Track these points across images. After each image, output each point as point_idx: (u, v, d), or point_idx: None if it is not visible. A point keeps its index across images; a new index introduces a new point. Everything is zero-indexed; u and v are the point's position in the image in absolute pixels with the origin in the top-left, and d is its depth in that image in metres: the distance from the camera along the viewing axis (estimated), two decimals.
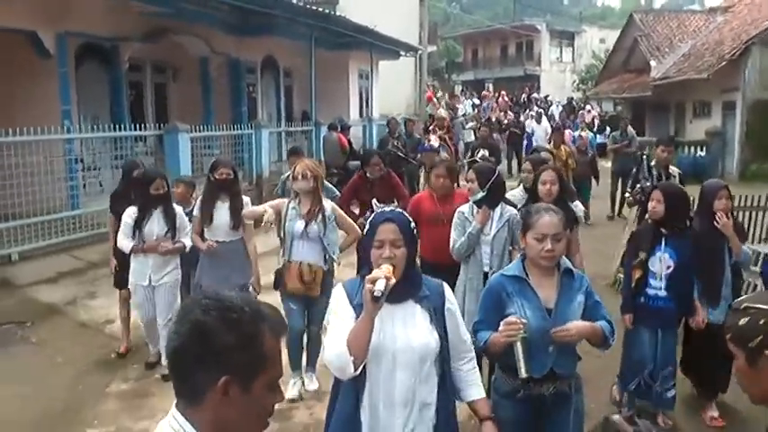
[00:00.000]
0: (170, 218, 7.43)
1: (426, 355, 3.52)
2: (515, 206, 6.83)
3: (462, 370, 3.76)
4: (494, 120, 26.17)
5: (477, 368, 3.88)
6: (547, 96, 41.20)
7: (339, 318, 3.53)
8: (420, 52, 34.37)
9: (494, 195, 6.62)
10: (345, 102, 26.58)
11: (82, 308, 9.28)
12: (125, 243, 7.38)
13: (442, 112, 21.65)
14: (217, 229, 7.53)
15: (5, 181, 10.83)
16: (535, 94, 43.45)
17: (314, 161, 7.64)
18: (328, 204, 7.19)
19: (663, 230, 6.19)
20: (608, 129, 25.04)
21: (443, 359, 3.62)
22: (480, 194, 6.58)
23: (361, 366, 3.40)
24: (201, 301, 1.90)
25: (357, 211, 8.98)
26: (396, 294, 3.40)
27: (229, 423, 1.90)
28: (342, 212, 7.42)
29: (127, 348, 8.18)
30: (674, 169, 9.28)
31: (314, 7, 19.53)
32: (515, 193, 7.65)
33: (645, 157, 9.66)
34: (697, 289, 6.33)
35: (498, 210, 6.67)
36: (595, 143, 19.58)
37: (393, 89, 32.72)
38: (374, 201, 8.89)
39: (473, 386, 3.79)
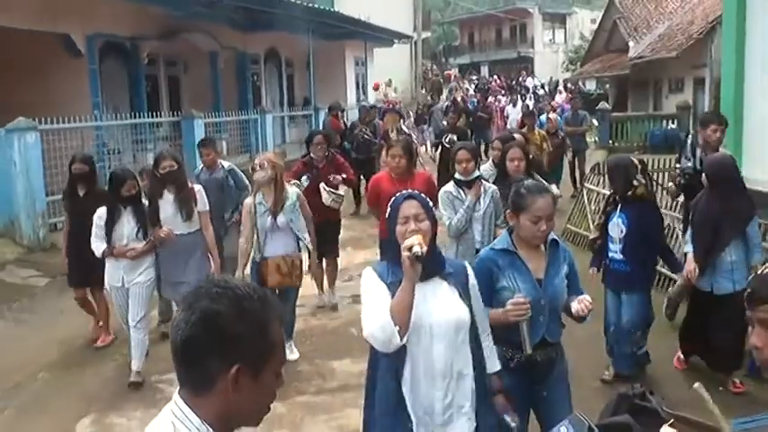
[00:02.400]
0: (140, 217, 7.09)
1: (460, 326, 3.63)
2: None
3: (482, 344, 3.86)
4: (459, 100, 26.23)
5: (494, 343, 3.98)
6: (524, 82, 42.29)
7: (373, 296, 3.60)
8: (414, 39, 36.05)
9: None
10: (343, 87, 28.62)
11: None
12: (97, 245, 7.03)
13: (392, 94, 21.87)
14: (169, 222, 7.22)
15: (51, 161, 12.67)
16: (521, 78, 44.55)
17: (274, 152, 7.83)
18: (293, 191, 7.18)
19: (617, 198, 6.47)
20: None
21: (474, 332, 3.74)
22: (477, 173, 6.67)
23: (406, 337, 3.48)
24: (210, 290, 1.86)
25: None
26: (423, 271, 3.49)
27: (237, 410, 1.89)
28: (305, 201, 7.38)
29: (111, 339, 8.11)
30: (724, 152, 7.72)
31: (311, 4, 21.25)
32: (485, 167, 7.62)
33: (688, 136, 8.37)
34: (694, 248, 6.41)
35: (484, 185, 6.72)
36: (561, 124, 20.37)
37: (391, 74, 34.51)
38: (321, 185, 8.67)
39: (491, 359, 3.89)
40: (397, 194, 3.77)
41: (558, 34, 58.64)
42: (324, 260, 8.98)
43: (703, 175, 6.57)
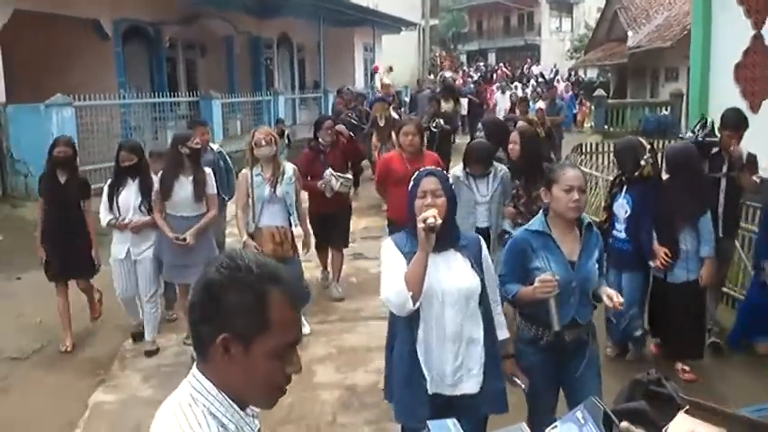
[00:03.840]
0: (146, 189, 7.05)
1: (470, 295, 3.84)
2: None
3: (493, 313, 4.05)
4: (450, 83, 25.40)
5: (503, 313, 4.22)
6: (529, 70, 43.14)
7: (391, 264, 3.82)
8: (422, 26, 37.09)
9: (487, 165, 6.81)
10: (351, 72, 29.98)
11: None
12: (104, 215, 7.09)
13: (386, 80, 21.28)
14: (180, 203, 7.01)
15: (83, 135, 13.90)
16: (526, 67, 45.43)
17: (270, 128, 8.01)
18: (290, 166, 7.35)
19: (623, 179, 6.51)
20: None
21: (486, 301, 3.93)
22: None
23: (419, 302, 3.71)
24: (220, 261, 1.88)
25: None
26: (438, 243, 3.69)
27: (235, 383, 1.88)
28: (299, 177, 7.53)
29: (73, 344, 7.51)
30: (739, 150, 6.98)
31: None
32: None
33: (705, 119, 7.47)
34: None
35: (492, 171, 6.81)
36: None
37: (399, 60, 35.57)
38: (329, 170, 8.44)
39: (501, 328, 4.11)
40: (420, 170, 4.04)
41: (564, 23, 59.31)
42: (330, 249, 9.05)
43: (665, 161, 6.63)
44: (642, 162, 6.33)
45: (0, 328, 7.89)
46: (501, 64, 47.47)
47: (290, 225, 7.26)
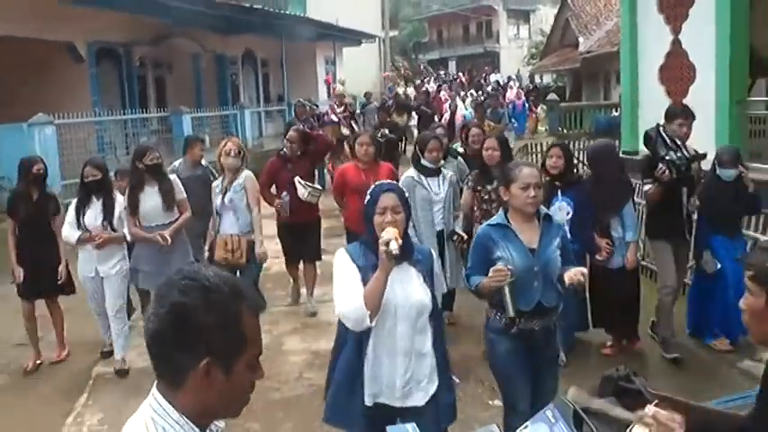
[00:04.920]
0: (107, 207, 7.08)
1: (422, 309, 3.87)
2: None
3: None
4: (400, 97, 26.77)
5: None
6: (487, 78, 44.45)
7: (345, 277, 3.83)
8: (382, 38, 38.09)
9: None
10: (314, 84, 30.89)
11: None
12: (71, 233, 7.07)
13: (340, 89, 21.57)
14: (151, 214, 7.23)
15: (64, 151, 14.77)
16: (485, 75, 46.53)
17: (239, 139, 8.30)
18: (243, 175, 7.49)
19: (557, 183, 6.68)
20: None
21: (435, 313, 3.99)
22: (442, 162, 7.20)
23: (375, 320, 3.75)
24: (180, 282, 1.81)
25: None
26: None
27: (211, 403, 1.86)
28: (253, 185, 7.59)
29: (35, 363, 7.56)
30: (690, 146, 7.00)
31: (284, 11, 23.42)
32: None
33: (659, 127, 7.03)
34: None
35: (443, 172, 7.11)
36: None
37: (361, 71, 36.53)
38: (297, 179, 8.35)
39: None
40: (378, 184, 4.02)
41: (522, 30, 60.28)
42: (302, 264, 8.93)
43: (587, 159, 7.00)
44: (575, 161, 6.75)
45: (4, 322, 8.73)
46: (459, 72, 48.50)
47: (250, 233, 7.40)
